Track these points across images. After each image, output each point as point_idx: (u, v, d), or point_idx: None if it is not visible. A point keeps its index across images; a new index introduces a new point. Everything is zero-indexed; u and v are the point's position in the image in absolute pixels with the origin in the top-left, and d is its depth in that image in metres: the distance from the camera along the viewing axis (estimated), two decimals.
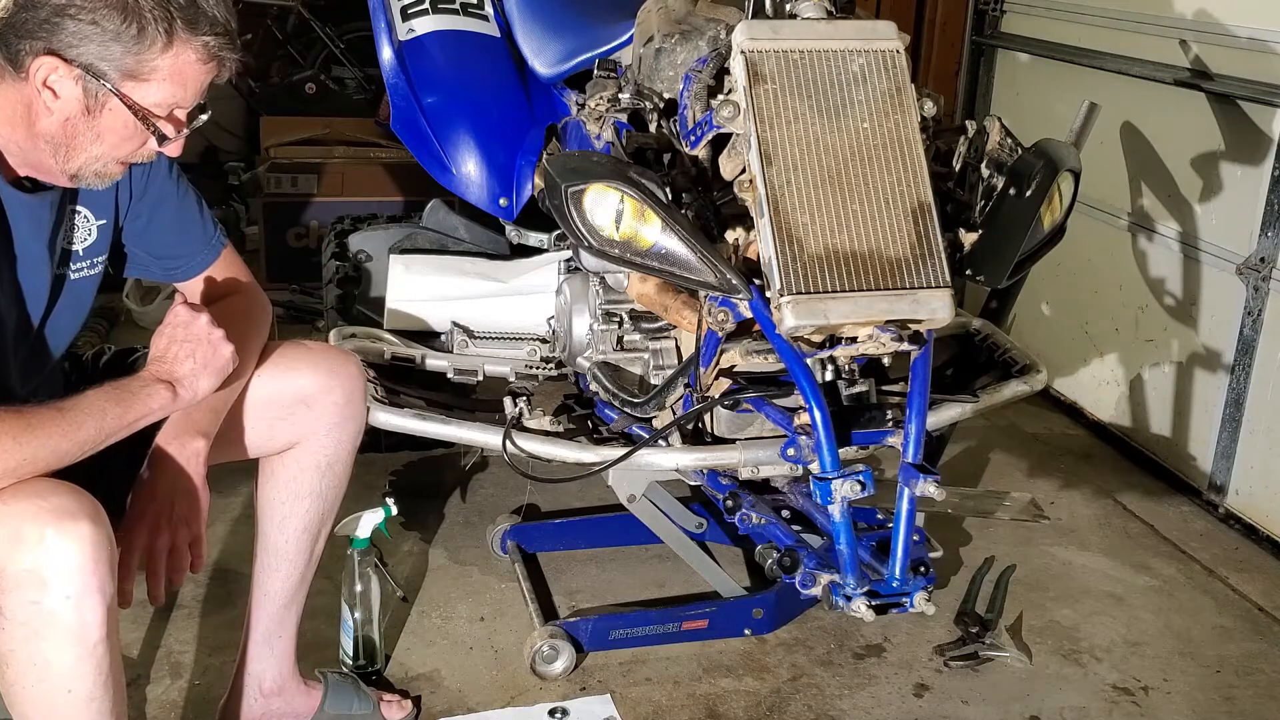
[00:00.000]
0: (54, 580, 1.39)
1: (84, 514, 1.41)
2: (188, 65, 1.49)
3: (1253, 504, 3.01)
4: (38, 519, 1.38)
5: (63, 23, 1.42)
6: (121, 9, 1.43)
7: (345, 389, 1.93)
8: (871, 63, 1.98)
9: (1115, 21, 3.45)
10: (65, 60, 1.44)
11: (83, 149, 1.52)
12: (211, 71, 1.53)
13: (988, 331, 2.71)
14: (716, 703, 2.28)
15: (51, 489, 1.42)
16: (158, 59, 1.46)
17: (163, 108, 1.52)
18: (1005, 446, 3.44)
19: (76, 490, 1.44)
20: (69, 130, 1.50)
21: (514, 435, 2.22)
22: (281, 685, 2.06)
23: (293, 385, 1.87)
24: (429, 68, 2.82)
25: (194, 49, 1.48)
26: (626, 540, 2.74)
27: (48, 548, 1.38)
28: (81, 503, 1.43)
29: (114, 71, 1.46)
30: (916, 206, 1.93)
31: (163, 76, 1.48)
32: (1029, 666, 2.42)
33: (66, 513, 1.40)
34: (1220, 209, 3.09)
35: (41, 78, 1.45)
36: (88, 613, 1.41)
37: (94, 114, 1.49)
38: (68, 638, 1.41)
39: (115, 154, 1.55)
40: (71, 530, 1.39)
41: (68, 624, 1.41)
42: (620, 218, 1.94)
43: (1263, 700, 2.36)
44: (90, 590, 1.41)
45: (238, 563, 2.63)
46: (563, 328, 2.55)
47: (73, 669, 1.43)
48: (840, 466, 1.91)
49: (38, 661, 1.42)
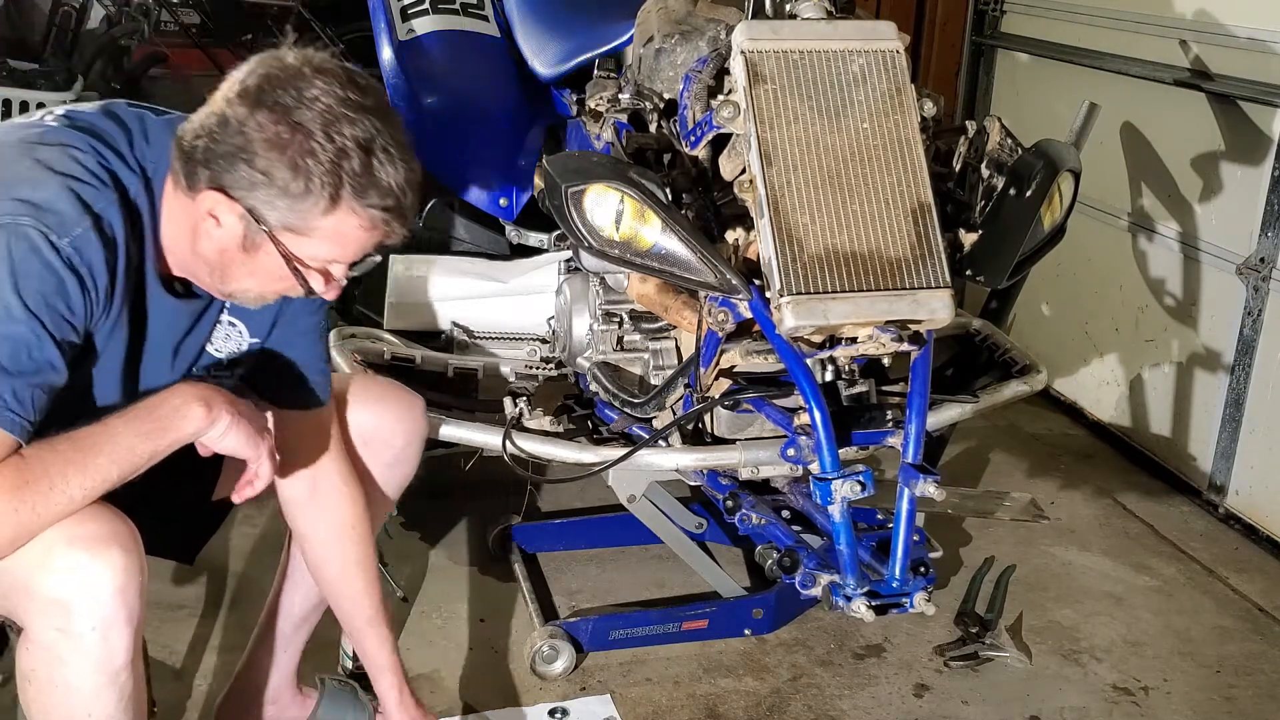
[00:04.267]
0: (81, 609, 1.38)
1: (116, 541, 1.40)
2: (349, 230, 1.46)
3: (1253, 504, 3.01)
4: (70, 545, 1.37)
5: (237, 164, 1.41)
6: (293, 166, 1.40)
7: (406, 433, 1.93)
8: (871, 63, 1.98)
9: (1115, 21, 3.45)
10: (232, 198, 1.43)
11: (236, 279, 1.51)
12: (376, 236, 1.49)
13: (988, 331, 2.71)
14: (716, 703, 2.28)
15: (87, 513, 1.39)
16: (319, 220, 1.44)
17: (318, 261, 1.50)
18: (1005, 446, 3.44)
19: (112, 514, 1.42)
20: (225, 260, 1.49)
21: (514, 435, 2.22)
22: (278, 694, 2.07)
23: (354, 421, 1.87)
24: (429, 68, 2.82)
25: (358, 217, 1.45)
26: (626, 540, 2.74)
27: (78, 575, 1.37)
28: (115, 528, 1.41)
29: (275, 220, 1.44)
30: (916, 207, 1.93)
31: (322, 236, 1.46)
32: (1029, 666, 2.42)
33: (98, 540, 1.38)
34: (1220, 209, 3.09)
35: (208, 207, 1.45)
36: (113, 641, 1.40)
37: (250, 252, 1.47)
38: (91, 665, 1.41)
39: (267, 289, 1.54)
40: (103, 558, 1.38)
41: (92, 652, 1.40)
42: (620, 218, 1.94)
43: (1263, 700, 2.36)
44: (118, 621, 1.40)
45: (238, 563, 2.63)
46: (563, 328, 2.55)
47: (94, 694, 1.43)
48: (840, 467, 1.91)
49: (59, 684, 1.41)
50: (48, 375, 1.38)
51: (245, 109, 1.41)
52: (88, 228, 1.41)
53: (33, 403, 1.36)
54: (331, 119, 1.41)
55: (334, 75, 1.44)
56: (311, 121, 1.40)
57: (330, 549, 1.86)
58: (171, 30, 5.89)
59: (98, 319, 1.46)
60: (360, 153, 1.41)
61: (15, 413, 1.35)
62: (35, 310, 1.36)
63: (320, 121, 1.40)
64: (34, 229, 1.37)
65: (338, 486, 1.84)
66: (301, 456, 1.81)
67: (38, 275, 1.37)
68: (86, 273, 1.41)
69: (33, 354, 1.37)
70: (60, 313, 1.39)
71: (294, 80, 1.42)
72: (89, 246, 1.41)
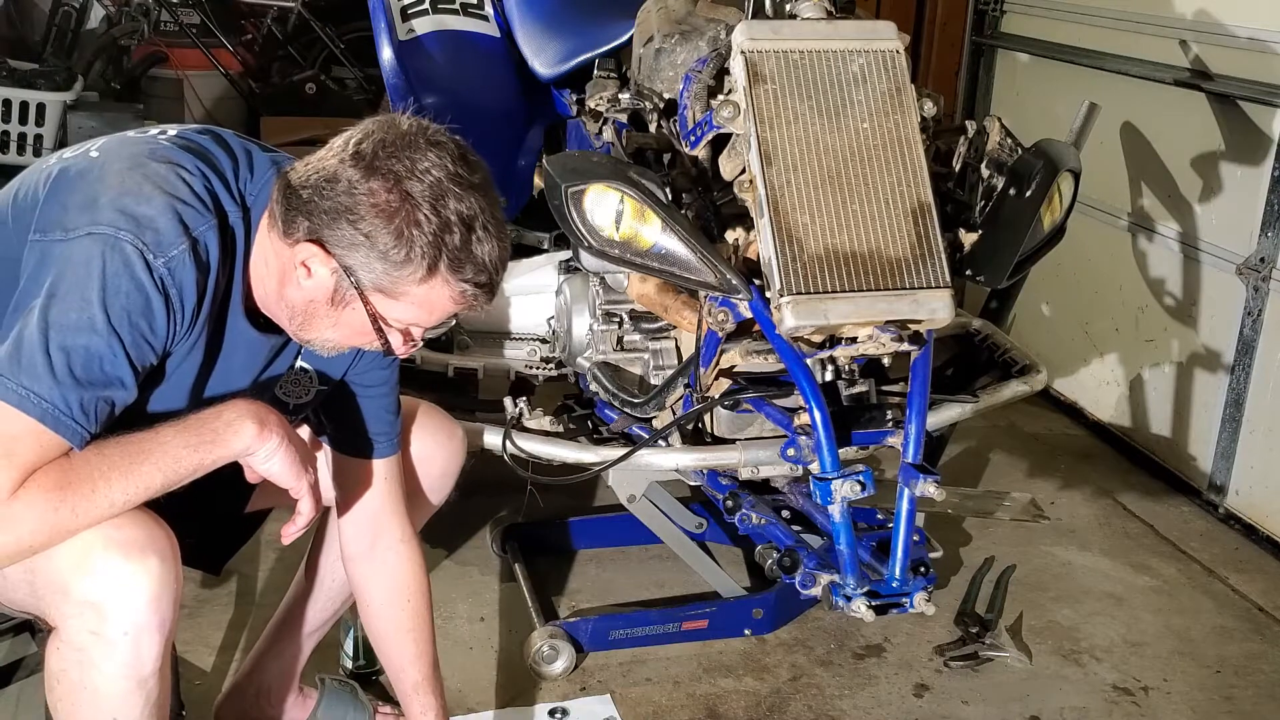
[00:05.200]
0: (114, 614, 1.38)
1: (153, 549, 1.40)
2: (439, 299, 1.48)
3: (1253, 504, 3.01)
4: (107, 549, 1.37)
5: (340, 222, 1.42)
6: (397, 234, 1.41)
7: (444, 461, 1.94)
8: (871, 63, 1.98)
9: (1115, 21, 3.45)
10: (329, 252, 1.44)
11: (317, 329, 1.52)
12: (461, 307, 1.51)
13: (988, 331, 2.71)
14: (716, 703, 2.28)
15: (128, 518, 1.40)
16: (413, 287, 1.45)
17: (402, 323, 1.51)
18: (1005, 446, 3.44)
19: (153, 521, 1.42)
20: (310, 310, 1.50)
21: (514, 435, 2.22)
22: (281, 694, 2.08)
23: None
24: (429, 68, 2.82)
25: (450, 289, 1.46)
26: (626, 540, 2.74)
27: (113, 581, 1.37)
28: (154, 535, 1.41)
29: (368, 281, 1.45)
30: (916, 206, 1.93)
31: (412, 301, 1.47)
32: (1029, 666, 2.42)
33: (136, 546, 1.38)
34: (1220, 209, 3.09)
35: (303, 257, 1.46)
36: (144, 649, 1.40)
37: (338, 307, 1.49)
38: (121, 670, 1.41)
39: (346, 342, 1.55)
40: (139, 565, 1.38)
41: (122, 658, 1.40)
42: (620, 218, 1.94)
43: (1263, 700, 2.36)
44: (150, 628, 1.40)
45: (238, 564, 2.63)
46: (563, 328, 2.55)
47: (121, 699, 1.43)
48: (840, 467, 1.91)
49: (88, 687, 1.41)
50: (116, 391, 1.40)
51: (358, 171, 1.42)
52: (184, 250, 1.42)
53: (96, 415, 1.38)
54: (440, 193, 1.42)
55: (446, 149, 1.45)
56: (421, 193, 1.42)
57: (385, 611, 1.86)
58: (171, 30, 5.89)
59: (178, 340, 1.47)
60: (463, 228, 1.43)
61: (79, 424, 1.36)
62: (117, 326, 1.38)
63: (430, 194, 1.42)
64: (132, 245, 1.39)
65: (395, 545, 1.84)
66: (362, 506, 1.81)
67: (126, 292, 1.39)
68: (175, 295, 1.42)
69: (105, 368, 1.38)
70: (142, 332, 1.40)
71: (408, 150, 1.43)
72: (182, 269, 1.42)
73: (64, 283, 1.38)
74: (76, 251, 1.39)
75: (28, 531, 1.33)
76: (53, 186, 1.47)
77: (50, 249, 1.41)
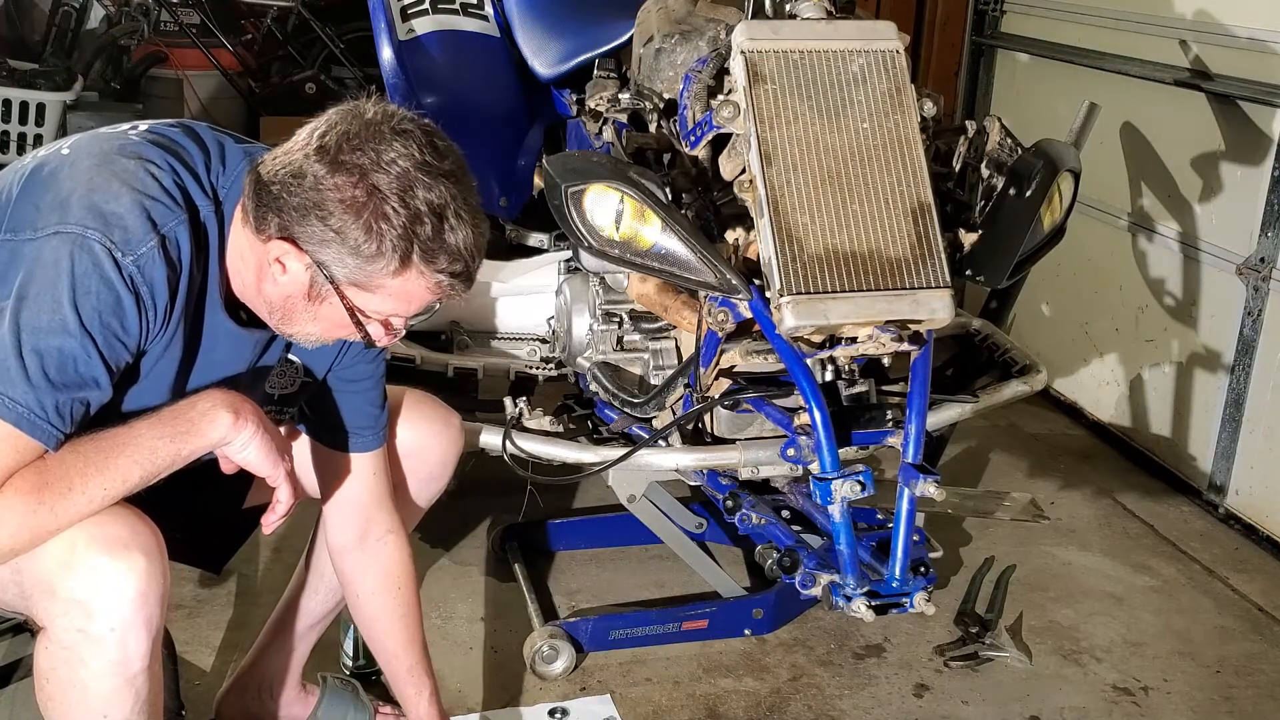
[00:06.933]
0: (101, 611, 1.38)
1: (138, 545, 1.39)
2: (415, 289, 1.47)
3: (1253, 504, 3.01)
4: (91, 546, 1.37)
5: (310, 219, 1.41)
6: (366, 229, 1.40)
7: (442, 451, 1.94)
8: (871, 63, 1.98)
9: (1115, 21, 3.45)
10: (301, 249, 1.44)
11: (297, 323, 1.52)
12: (439, 295, 1.50)
13: (988, 331, 2.71)
14: (716, 703, 2.28)
15: (111, 515, 1.40)
16: (387, 279, 1.44)
17: (381, 315, 1.51)
18: (1005, 446, 3.44)
19: (137, 518, 1.42)
20: (288, 305, 1.50)
21: (514, 435, 2.22)
22: (283, 689, 2.08)
23: (394, 435, 1.87)
24: (429, 68, 2.82)
25: (425, 279, 1.45)
26: (626, 540, 2.74)
27: (99, 578, 1.37)
28: (138, 531, 1.41)
29: (343, 275, 1.44)
30: (916, 206, 1.93)
31: (388, 293, 1.46)
32: (1029, 666, 2.42)
33: (120, 543, 1.38)
34: (1220, 209, 3.09)
35: (276, 254, 1.45)
36: (131, 645, 1.40)
37: (315, 301, 1.48)
38: (109, 667, 1.41)
39: (328, 335, 1.55)
40: (124, 562, 1.38)
41: (110, 655, 1.40)
42: (620, 218, 1.94)
43: (1263, 700, 2.36)
44: (137, 624, 1.40)
45: (237, 564, 2.63)
46: (563, 328, 2.55)
47: (111, 696, 1.43)
48: (840, 467, 1.91)
49: (77, 684, 1.41)
50: (91, 391, 1.39)
51: (323, 167, 1.41)
52: (153, 247, 1.42)
53: (71, 417, 1.38)
54: (408, 184, 1.40)
55: (412, 137, 1.43)
56: (388, 186, 1.40)
57: (376, 599, 1.87)
58: (171, 30, 5.89)
59: (153, 338, 1.47)
60: (433, 218, 1.41)
61: (55, 427, 1.36)
62: (89, 326, 1.37)
63: (396, 186, 1.40)
64: (100, 243, 1.38)
65: (384, 535, 1.84)
66: (350, 500, 1.81)
67: (96, 292, 1.38)
68: (146, 292, 1.42)
69: (80, 369, 1.37)
70: (114, 331, 1.40)
71: (373, 141, 1.41)
72: (152, 266, 1.42)
73: (34, 283, 1.37)
74: (45, 251, 1.38)
75: (7, 534, 1.33)
76: (25, 185, 1.47)
77: (20, 248, 1.40)
